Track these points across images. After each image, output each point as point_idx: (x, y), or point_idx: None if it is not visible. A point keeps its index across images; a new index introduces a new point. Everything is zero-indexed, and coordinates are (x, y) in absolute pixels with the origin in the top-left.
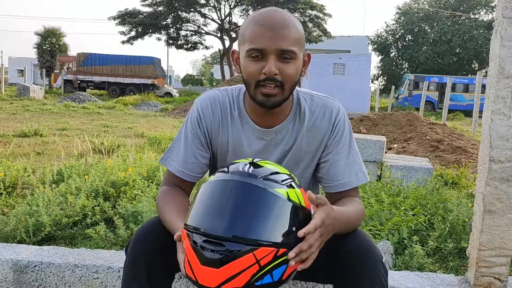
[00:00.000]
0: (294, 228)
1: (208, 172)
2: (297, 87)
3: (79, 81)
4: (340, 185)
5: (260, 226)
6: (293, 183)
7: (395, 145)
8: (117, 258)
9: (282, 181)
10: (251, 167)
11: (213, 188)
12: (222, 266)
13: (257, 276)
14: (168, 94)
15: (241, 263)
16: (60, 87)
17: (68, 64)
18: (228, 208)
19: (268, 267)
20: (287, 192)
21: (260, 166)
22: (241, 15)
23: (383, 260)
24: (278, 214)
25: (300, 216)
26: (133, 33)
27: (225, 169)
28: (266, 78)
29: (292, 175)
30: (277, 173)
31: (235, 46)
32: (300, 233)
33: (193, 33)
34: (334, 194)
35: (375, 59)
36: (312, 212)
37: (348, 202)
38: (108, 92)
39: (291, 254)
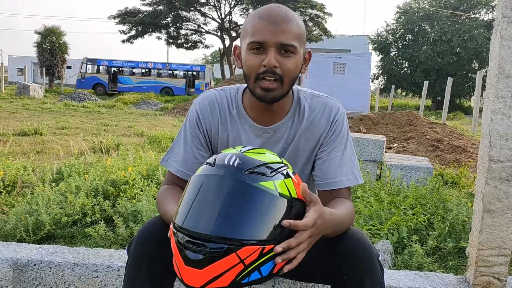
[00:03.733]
0: (282, 223)
1: None
2: (298, 86)
3: None
4: (331, 184)
5: (244, 225)
6: (285, 172)
7: (395, 145)
8: (117, 257)
9: (271, 172)
10: (237, 160)
11: (197, 183)
12: (205, 267)
13: (242, 274)
14: None
15: (224, 263)
16: None
17: None
18: (210, 206)
19: (254, 265)
20: (274, 185)
21: (247, 157)
22: (241, 14)
23: (380, 259)
24: (263, 210)
25: (290, 208)
26: (133, 32)
27: (212, 161)
28: (265, 71)
29: (284, 162)
30: (265, 164)
31: (237, 42)
32: (285, 222)
33: (193, 32)
34: (325, 192)
35: (375, 59)
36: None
37: (340, 204)
38: None
39: (278, 248)
